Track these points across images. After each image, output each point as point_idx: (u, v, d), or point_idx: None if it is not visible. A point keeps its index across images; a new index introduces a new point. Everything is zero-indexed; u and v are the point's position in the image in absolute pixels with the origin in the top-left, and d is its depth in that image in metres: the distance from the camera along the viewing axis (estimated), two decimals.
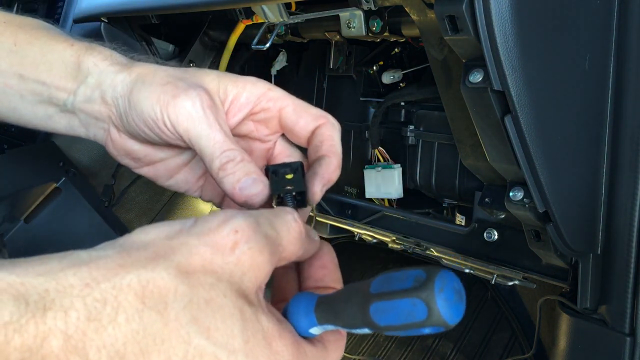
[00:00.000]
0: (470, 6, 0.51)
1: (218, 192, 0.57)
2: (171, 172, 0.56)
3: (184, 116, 0.47)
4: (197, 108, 0.47)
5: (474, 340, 1.44)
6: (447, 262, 0.94)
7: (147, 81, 0.49)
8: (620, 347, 0.67)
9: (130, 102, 0.49)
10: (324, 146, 0.51)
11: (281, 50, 1.26)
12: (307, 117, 0.52)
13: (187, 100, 0.47)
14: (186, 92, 0.48)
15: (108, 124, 0.53)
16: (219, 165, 0.47)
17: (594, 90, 0.61)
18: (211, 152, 0.47)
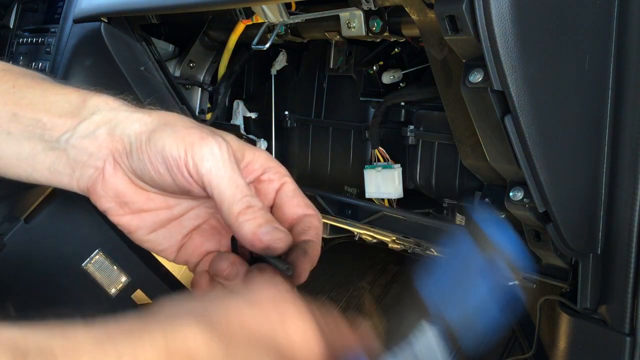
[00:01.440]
0: (470, 6, 0.51)
1: (198, 253, 0.55)
2: (156, 225, 0.53)
3: (208, 157, 0.46)
4: (223, 152, 0.47)
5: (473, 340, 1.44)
6: None
7: (170, 123, 0.48)
8: (620, 347, 0.67)
9: (151, 140, 0.47)
10: (312, 232, 0.53)
11: (281, 50, 1.26)
12: (302, 201, 0.54)
13: (214, 143, 0.47)
14: (213, 136, 0.48)
15: (104, 160, 0.50)
16: (240, 210, 0.46)
17: (594, 91, 0.61)
18: (232, 194, 0.47)
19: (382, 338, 0.44)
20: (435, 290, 0.43)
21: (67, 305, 1.15)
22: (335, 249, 1.92)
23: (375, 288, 1.71)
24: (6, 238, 1.16)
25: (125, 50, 1.05)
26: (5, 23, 1.40)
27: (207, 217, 0.56)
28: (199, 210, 0.55)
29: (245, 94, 1.41)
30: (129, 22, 1.06)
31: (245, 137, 1.29)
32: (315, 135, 1.22)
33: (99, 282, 1.16)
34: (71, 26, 1.17)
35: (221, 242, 0.56)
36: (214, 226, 0.56)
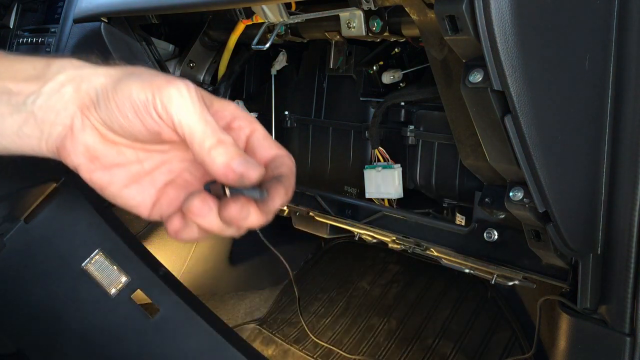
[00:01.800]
0: (470, 6, 0.51)
1: (173, 206, 0.54)
2: (128, 180, 0.53)
3: (177, 97, 0.47)
4: (191, 92, 0.48)
5: (474, 340, 1.44)
6: (447, 262, 0.94)
7: (137, 72, 0.49)
8: (620, 347, 0.67)
9: (117, 87, 0.48)
10: (285, 168, 0.53)
11: (281, 50, 1.26)
12: (273, 143, 0.55)
13: (182, 84, 0.47)
14: (180, 79, 0.48)
15: (72, 117, 0.50)
16: (212, 144, 0.47)
17: (594, 90, 0.61)
18: (203, 130, 0.47)
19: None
20: None
21: (67, 305, 1.15)
22: (335, 249, 1.93)
23: (375, 288, 1.71)
24: (6, 238, 1.16)
25: (125, 50, 1.05)
26: (5, 23, 1.40)
27: (180, 171, 0.56)
28: (171, 165, 0.55)
29: (245, 94, 1.41)
30: (129, 22, 1.06)
31: None
32: (315, 135, 1.23)
33: (99, 282, 1.16)
34: (71, 26, 1.17)
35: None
36: (188, 180, 0.56)
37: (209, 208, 0.48)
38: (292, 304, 1.78)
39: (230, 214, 0.48)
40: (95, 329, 1.14)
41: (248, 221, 0.49)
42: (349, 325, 1.63)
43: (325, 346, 1.58)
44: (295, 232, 1.33)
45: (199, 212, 0.48)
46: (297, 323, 1.70)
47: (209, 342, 1.11)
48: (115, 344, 1.13)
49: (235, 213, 0.48)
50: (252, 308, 1.81)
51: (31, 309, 1.15)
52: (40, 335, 1.14)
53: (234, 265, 1.66)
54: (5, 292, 1.16)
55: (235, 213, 0.48)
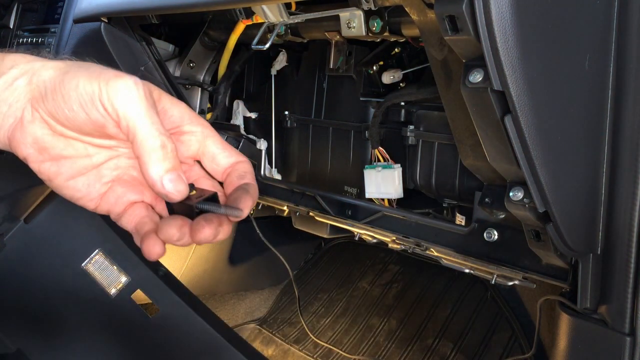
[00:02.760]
0: (470, 6, 0.51)
1: (121, 203, 0.55)
2: (74, 172, 0.53)
3: (124, 92, 0.47)
4: (139, 88, 0.48)
5: (474, 340, 1.44)
6: (447, 262, 0.94)
7: (85, 65, 0.49)
8: (620, 347, 0.67)
9: (64, 80, 0.48)
10: (249, 176, 0.54)
11: (281, 50, 1.26)
12: (232, 151, 0.56)
13: (130, 80, 0.48)
14: (129, 75, 0.48)
15: (23, 109, 0.50)
16: (153, 147, 0.47)
17: (594, 90, 0.61)
18: (148, 130, 0.47)
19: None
20: None
21: (67, 305, 1.15)
22: (335, 249, 1.93)
23: (375, 288, 1.71)
24: (6, 238, 1.16)
25: (125, 50, 1.05)
26: (5, 23, 1.40)
27: (127, 168, 0.56)
28: (118, 161, 0.56)
29: (245, 94, 1.41)
30: (129, 22, 1.06)
31: (245, 137, 1.29)
32: (315, 135, 1.23)
33: (99, 282, 1.16)
34: (71, 26, 1.17)
35: (144, 193, 0.56)
36: (135, 177, 0.57)
37: (183, 234, 0.49)
38: (292, 304, 1.78)
39: (204, 237, 0.49)
40: (95, 329, 1.14)
41: (218, 238, 0.50)
42: (349, 325, 1.63)
43: (325, 346, 1.58)
44: (295, 232, 1.33)
45: (177, 240, 0.49)
46: (297, 323, 1.70)
47: (209, 342, 1.11)
48: (115, 344, 1.13)
49: (208, 236, 0.49)
50: (252, 308, 1.81)
51: (31, 309, 1.15)
52: (40, 335, 1.14)
53: (234, 265, 1.66)
54: (5, 292, 1.16)
55: (209, 235, 0.49)
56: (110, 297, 1.14)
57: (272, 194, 1.26)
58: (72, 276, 1.16)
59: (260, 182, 1.29)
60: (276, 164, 1.32)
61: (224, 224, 0.50)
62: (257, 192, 0.53)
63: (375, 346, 1.53)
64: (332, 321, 1.66)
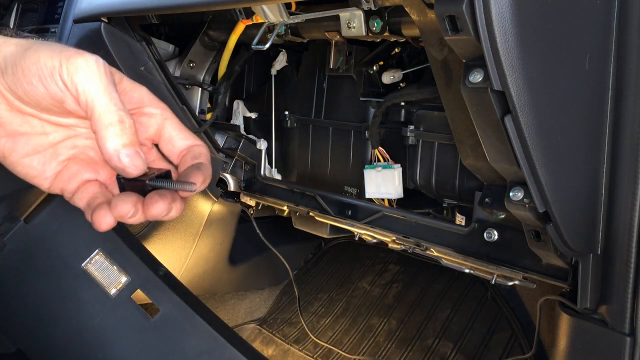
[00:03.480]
0: (470, 6, 0.51)
1: (75, 180, 0.55)
2: (30, 149, 0.53)
3: (84, 68, 0.47)
4: (99, 65, 0.48)
5: (474, 340, 1.44)
6: (447, 262, 0.94)
7: (47, 43, 0.49)
8: (620, 347, 0.67)
9: (25, 54, 0.48)
10: (203, 157, 0.54)
11: (281, 50, 1.26)
12: (189, 134, 0.56)
13: (90, 57, 0.48)
14: (90, 54, 0.48)
15: None
16: (111, 121, 0.47)
17: (594, 90, 0.61)
18: (106, 104, 0.47)
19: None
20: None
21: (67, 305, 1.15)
22: (335, 249, 1.93)
23: (375, 288, 1.71)
24: (6, 238, 1.16)
25: (125, 50, 1.05)
26: (5, 23, 1.40)
27: (84, 148, 0.56)
28: (75, 140, 0.56)
29: (245, 94, 1.41)
30: (129, 22, 1.06)
31: (245, 137, 1.29)
32: (315, 135, 1.23)
33: (99, 282, 1.16)
34: (71, 26, 1.17)
35: (99, 172, 0.56)
36: (91, 158, 0.56)
37: (137, 211, 0.49)
38: (292, 304, 1.78)
39: (156, 212, 0.49)
40: (95, 329, 1.14)
41: (170, 215, 0.50)
42: (349, 325, 1.63)
43: (325, 346, 1.58)
44: (295, 232, 1.33)
45: (131, 217, 0.49)
46: (297, 323, 1.70)
47: (209, 342, 1.11)
48: (115, 344, 1.13)
49: (161, 210, 0.49)
50: (252, 308, 1.81)
51: (31, 309, 1.15)
52: (40, 335, 1.14)
53: (234, 265, 1.66)
54: (5, 292, 1.16)
55: (162, 210, 0.49)
56: (110, 297, 1.14)
57: (272, 194, 1.26)
58: (72, 276, 1.16)
59: (260, 182, 1.29)
60: (276, 164, 1.32)
61: (176, 200, 0.50)
62: (209, 171, 0.53)
63: (375, 346, 1.53)
64: (332, 321, 1.66)
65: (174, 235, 1.42)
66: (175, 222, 1.41)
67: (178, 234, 1.43)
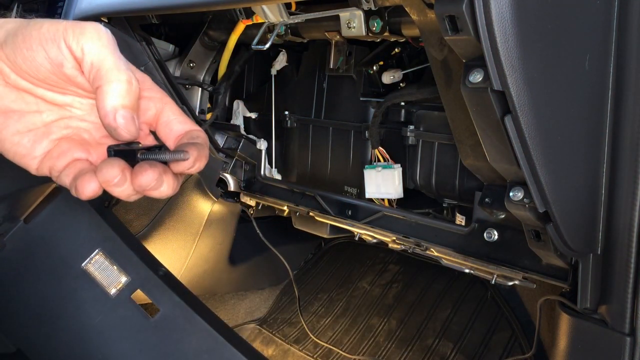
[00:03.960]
0: (470, 6, 0.51)
1: (64, 158, 0.52)
2: (23, 127, 0.51)
3: (92, 34, 0.46)
4: (109, 33, 0.47)
5: (474, 340, 1.44)
6: (447, 262, 0.94)
7: (49, 18, 0.48)
8: (620, 347, 0.67)
9: (29, 25, 0.47)
10: (200, 139, 0.52)
11: (281, 50, 1.26)
12: (187, 119, 0.55)
13: (99, 26, 0.47)
14: (95, 24, 0.48)
15: None
16: (119, 78, 0.46)
17: (594, 90, 0.61)
18: (116, 64, 0.46)
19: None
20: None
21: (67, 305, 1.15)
22: (335, 249, 1.93)
23: (375, 288, 1.71)
24: (6, 238, 1.16)
25: (125, 50, 1.05)
26: None
27: (78, 129, 0.54)
28: (70, 121, 0.54)
29: (245, 94, 1.41)
30: (129, 22, 1.06)
31: (245, 137, 1.29)
32: (315, 135, 1.23)
33: (99, 282, 1.16)
34: None
35: (90, 152, 0.53)
36: (84, 139, 0.54)
37: (125, 180, 0.47)
38: (292, 304, 1.78)
39: (145, 181, 0.47)
40: (95, 329, 1.14)
41: (162, 191, 0.48)
42: (349, 325, 1.63)
43: (325, 346, 1.58)
44: (295, 232, 1.33)
45: (117, 183, 0.47)
46: (297, 323, 1.70)
47: (209, 342, 1.11)
48: (115, 344, 1.13)
49: (150, 180, 0.47)
50: (252, 308, 1.81)
51: (31, 309, 1.15)
52: (40, 335, 1.14)
53: (234, 265, 1.66)
54: (5, 292, 1.16)
55: (151, 180, 0.47)
56: (110, 297, 1.14)
57: (272, 194, 1.26)
58: (72, 276, 1.16)
59: (260, 182, 1.29)
60: (276, 164, 1.32)
61: (168, 173, 0.49)
62: (206, 151, 0.51)
63: (375, 346, 1.53)
64: (332, 321, 1.66)
65: (174, 235, 1.42)
66: (175, 222, 1.41)
67: (178, 234, 1.43)
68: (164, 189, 0.48)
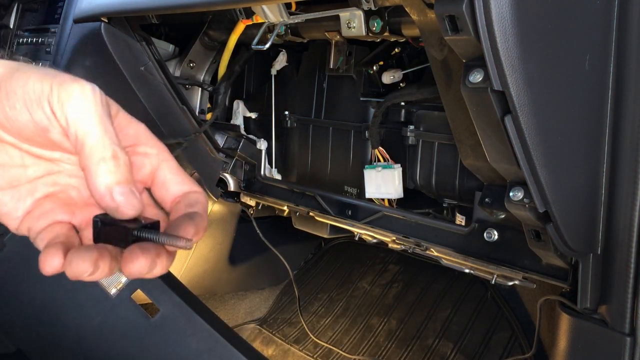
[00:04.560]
0: (470, 6, 0.51)
1: (45, 219, 0.48)
2: (6, 183, 0.47)
3: (78, 96, 0.42)
4: (96, 94, 0.43)
5: (474, 340, 1.44)
6: (447, 262, 0.94)
7: (39, 67, 0.44)
8: (620, 347, 0.67)
9: (14, 75, 0.43)
10: (199, 206, 0.48)
11: (281, 50, 1.26)
12: (186, 179, 0.50)
13: (86, 85, 0.43)
14: (86, 81, 0.44)
15: None
16: (104, 156, 0.42)
17: (594, 90, 0.61)
18: (100, 137, 0.42)
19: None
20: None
21: (67, 305, 1.15)
22: (335, 249, 1.93)
23: (375, 288, 1.71)
24: (6, 238, 1.16)
25: (125, 50, 1.05)
26: (5, 23, 1.40)
27: (66, 186, 0.49)
28: (57, 177, 0.49)
29: (245, 94, 1.41)
30: (129, 22, 1.06)
31: (245, 137, 1.29)
32: (315, 135, 1.23)
33: (99, 282, 1.16)
34: (71, 26, 1.17)
35: (75, 214, 0.49)
36: (72, 198, 0.50)
37: (102, 271, 0.42)
38: (292, 304, 1.78)
39: (136, 269, 0.42)
40: (95, 329, 1.14)
41: (154, 273, 0.44)
42: (349, 325, 1.63)
43: (325, 346, 1.58)
44: (295, 232, 1.33)
45: (89, 276, 0.42)
46: (297, 323, 1.70)
47: (209, 342, 1.11)
48: (115, 344, 1.13)
49: (142, 268, 0.42)
50: (252, 308, 1.81)
51: (31, 309, 1.15)
52: (40, 335, 1.14)
53: (234, 265, 1.66)
54: (5, 292, 1.16)
55: (143, 267, 0.42)
56: (110, 297, 1.14)
57: (272, 194, 1.26)
58: None
59: (260, 182, 1.29)
60: (276, 164, 1.32)
61: (162, 255, 0.44)
62: (204, 222, 0.46)
63: (375, 346, 1.53)
64: (332, 321, 1.66)
65: None
66: None
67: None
68: (156, 271, 0.44)
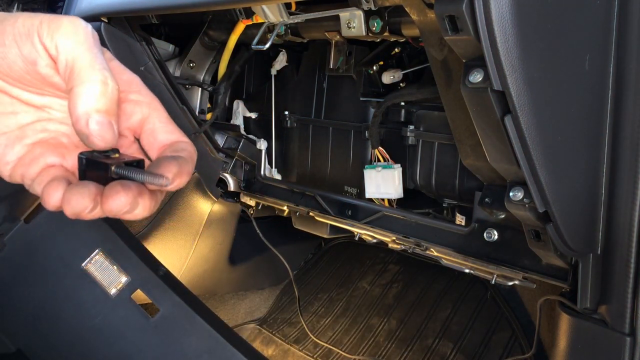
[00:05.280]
0: (470, 6, 0.51)
1: (37, 165, 0.47)
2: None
3: (67, 28, 0.42)
4: (87, 28, 0.43)
5: (474, 340, 1.44)
6: (447, 262, 0.94)
7: (28, 12, 0.45)
8: (620, 347, 0.67)
9: (6, 18, 0.43)
10: (185, 153, 0.47)
11: (281, 50, 1.26)
12: (175, 129, 0.49)
13: (77, 20, 0.43)
14: (80, 18, 0.44)
15: None
16: (92, 78, 0.41)
17: (594, 90, 0.61)
18: (90, 63, 0.42)
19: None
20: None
21: (67, 305, 1.15)
22: (335, 249, 1.93)
23: (375, 288, 1.71)
24: (6, 238, 1.16)
25: (125, 50, 1.05)
26: None
27: (55, 133, 0.49)
28: (47, 124, 0.49)
29: (245, 94, 1.41)
30: (129, 22, 1.06)
31: (245, 137, 1.29)
32: (315, 135, 1.23)
33: (99, 282, 1.16)
34: None
35: (65, 157, 0.49)
36: (62, 143, 0.49)
37: (96, 204, 0.42)
38: (292, 304, 1.78)
39: (116, 206, 0.42)
40: (95, 329, 1.14)
41: (136, 213, 0.43)
42: (349, 325, 1.63)
43: (325, 346, 1.58)
44: (295, 232, 1.33)
45: (88, 213, 0.42)
46: (297, 323, 1.70)
47: (209, 342, 1.11)
48: (115, 344, 1.13)
49: (123, 204, 0.42)
50: (252, 308, 1.81)
51: (31, 309, 1.15)
52: (40, 335, 1.14)
53: (234, 265, 1.66)
54: (6, 292, 1.16)
55: (123, 204, 0.42)
56: (110, 297, 1.14)
57: (272, 194, 1.26)
58: (72, 276, 1.16)
59: (260, 182, 1.29)
60: (276, 164, 1.32)
61: (144, 194, 0.43)
62: (189, 166, 0.45)
63: (375, 346, 1.53)
64: (332, 321, 1.66)
65: (174, 235, 1.42)
66: (175, 222, 1.41)
67: (178, 234, 1.43)
68: (138, 211, 0.43)
